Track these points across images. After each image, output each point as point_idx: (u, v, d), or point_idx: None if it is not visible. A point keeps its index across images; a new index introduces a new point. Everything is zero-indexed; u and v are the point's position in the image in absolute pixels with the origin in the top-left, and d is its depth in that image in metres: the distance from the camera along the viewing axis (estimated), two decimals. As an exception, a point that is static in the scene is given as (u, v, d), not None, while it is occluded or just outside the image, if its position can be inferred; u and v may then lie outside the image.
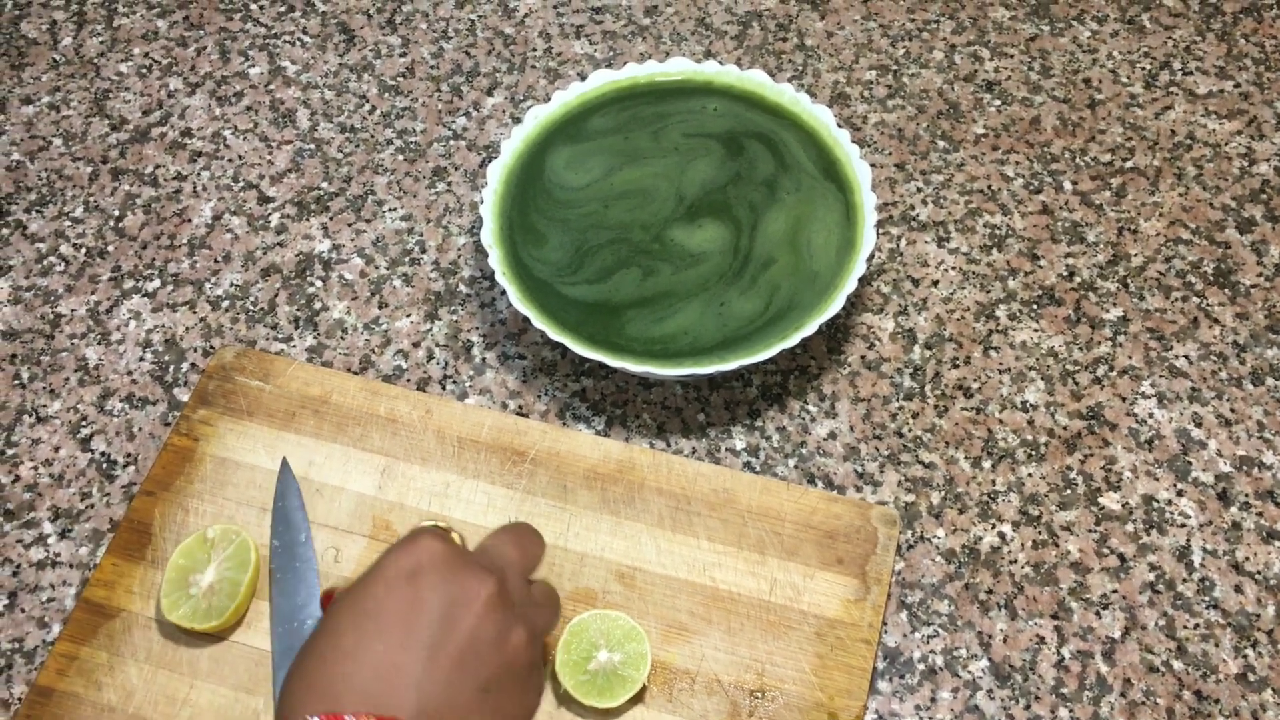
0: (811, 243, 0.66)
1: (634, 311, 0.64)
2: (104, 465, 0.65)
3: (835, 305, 0.62)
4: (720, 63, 0.79)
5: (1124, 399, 0.67)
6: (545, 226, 0.67)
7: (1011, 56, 0.81)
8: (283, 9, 0.84)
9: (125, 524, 0.62)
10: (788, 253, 0.66)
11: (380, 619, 0.43)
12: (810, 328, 0.62)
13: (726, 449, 0.66)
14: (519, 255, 0.65)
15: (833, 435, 0.66)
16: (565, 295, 0.64)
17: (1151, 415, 0.67)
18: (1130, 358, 0.69)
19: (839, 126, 0.69)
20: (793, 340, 0.61)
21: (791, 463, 0.65)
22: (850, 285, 0.63)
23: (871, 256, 0.72)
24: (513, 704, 0.45)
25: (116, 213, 0.75)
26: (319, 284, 0.72)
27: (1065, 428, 0.66)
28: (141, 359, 0.69)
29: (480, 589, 0.44)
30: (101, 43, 0.83)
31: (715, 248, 0.66)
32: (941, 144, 0.77)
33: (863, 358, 0.69)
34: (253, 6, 0.84)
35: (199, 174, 0.77)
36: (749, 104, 0.71)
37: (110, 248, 0.73)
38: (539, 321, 0.62)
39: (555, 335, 0.62)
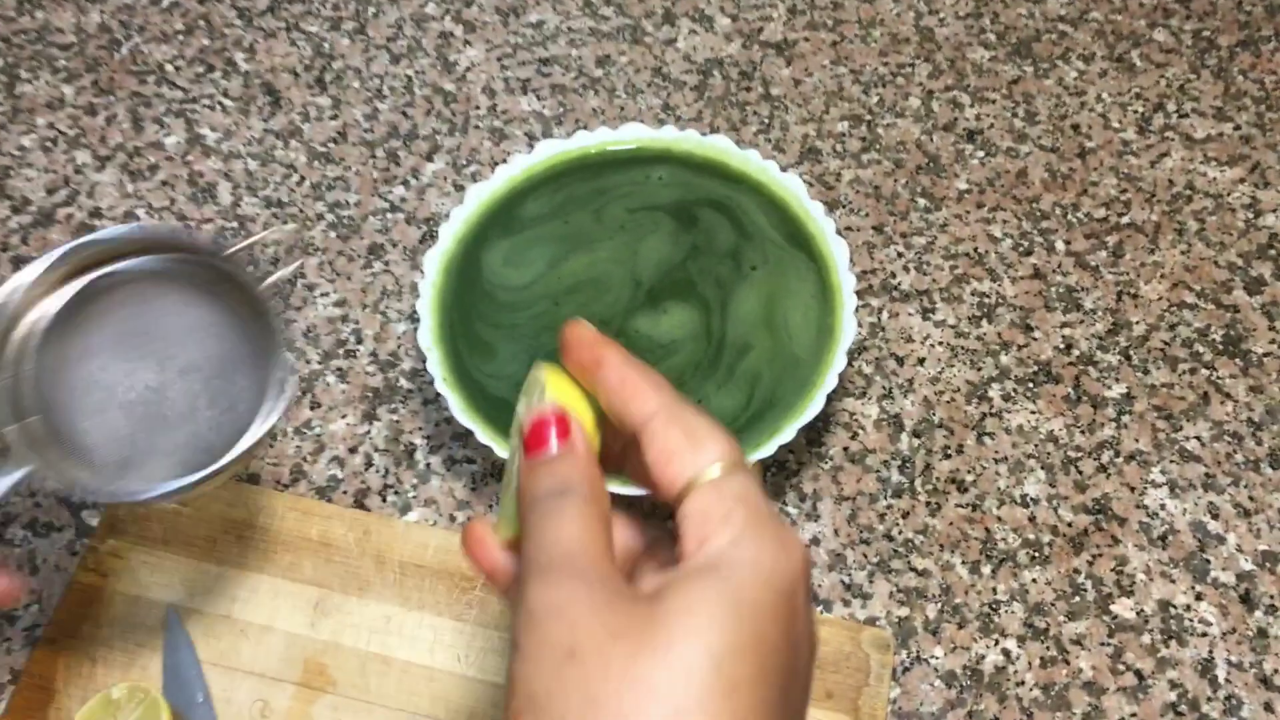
0: (789, 322, 0.60)
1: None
2: (3, 606, 0.58)
3: (813, 408, 0.56)
4: (679, 122, 0.72)
5: (1132, 489, 0.61)
6: (492, 336, 0.60)
7: (993, 102, 0.75)
8: (201, 69, 0.77)
9: (25, 679, 0.55)
10: (765, 335, 0.60)
11: None
12: (788, 433, 0.55)
13: (699, 560, 0.60)
14: (465, 368, 0.59)
15: (816, 541, 0.60)
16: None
17: (1163, 507, 0.61)
18: (1137, 440, 0.63)
19: (811, 198, 0.63)
20: (768, 449, 0.55)
21: (771, 574, 0.59)
22: (830, 382, 0.57)
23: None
24: None
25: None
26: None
27: (1070, 524, 0.60)
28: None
29: None
30: (1, 113, 0.75)
31: (685, 333, 0.60)
32: (922, 202, 0.71)
33: (845, 449, 0.63)
34: (168, 68, 0.77)
35: (110, 260, 0.69)
36: (700, 170, 0.65)
37: (11, 348, 0.66)
38: (486, 436, 0.55)
39: (505, 451, 0.55)
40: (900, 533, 0.60)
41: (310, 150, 0.74)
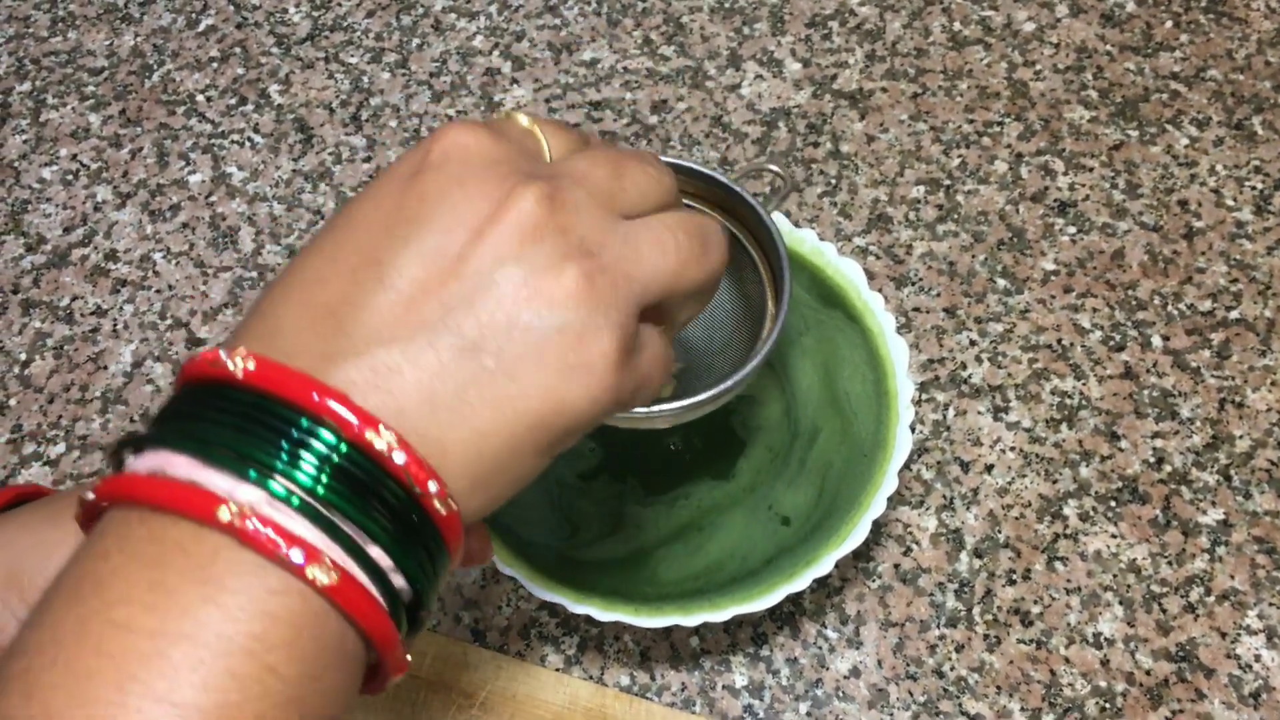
0: (851, 395, 0.54)
1: (665, 549, 0.52)
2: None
3: (857, 534, 0.49)
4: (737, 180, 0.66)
5: (1224, 634, 0.54)
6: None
7: (1091, 170, 0.67)
8: (233, 101, 0.73)
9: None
10: (831, 414, 0.54)
11: (345, 234, 0.29)
12: (825, 564, 0.49)
13: (724, 686, 0.54)
14: (499, 518, 0.53)
15: (856, 672, 0.54)
16: (573, 559, 0.52)
17: (1258, 658, 0.53)
18: (1233, 577, 0.55)
19: (878, 273, 0.56)
20: (800, 583, 0.49)
21: (803, 708, 0.53)
22: (878, 507, 0.50)
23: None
24: (537, 387, 0.28)
25: (23, 356, 0.64)
26: (249, 452, 0.60)
27: (1149, 672, 0.53)
28: (33, 548, 0.58)
29: (504, 195, 0.28)
30: (25, 141, 0.72)
31: (770, 423, 0.54)
32: (1002, 282, 0.64)
33: (896, 567, 0.56)
34: (199, 98, 0.73)
35: (121, 308, 0.65)
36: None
37: (13, 400, 0.63)
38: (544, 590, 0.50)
39: (548, 594, 0.49)
40: (953, 669, 0.54)
41: (339, 195, 0.69)
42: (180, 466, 0.26)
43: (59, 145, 0.72)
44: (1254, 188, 0.66)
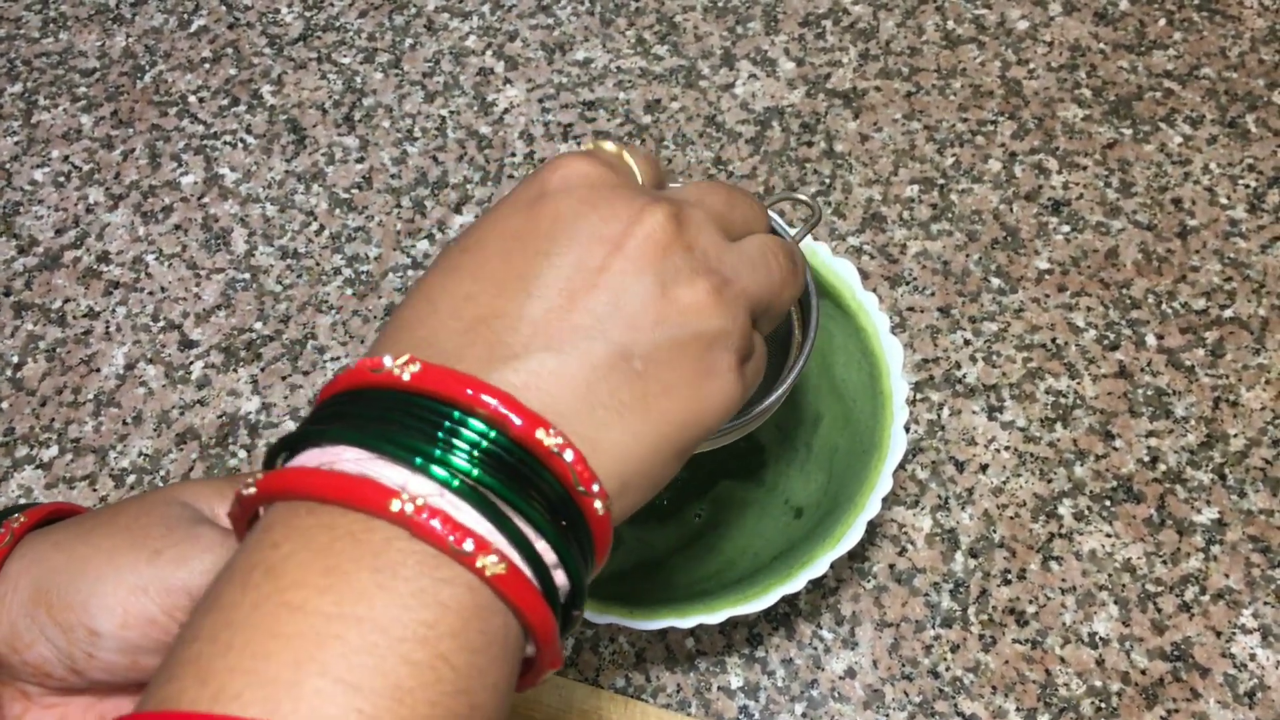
0: (848, 383, 0.54)
1: (680, 555, 0.52)
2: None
3: (852, 535, 0.49)
4: (731, 179, 0.65)
5: (1219, 633, 0.54)
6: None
7: (1084, 168, 0.67)
8: (225, 102, 0.72)
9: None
10: (832, 401, 0.54)
11: (481, 255, 0.30)
12: (820, 565, 0.49)
13: (719, 687, 0.54)
14: None
15: (851, 672, 0.54)
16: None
17: (1253, 657, 0.53)
18: (1228, 576, 0.55)
19: (872, 272, 0.56)
20: (796, 583, 0.49)
21: (799, 709, 0.53)
22: (873, 508, 0.50)
23: (906, 428, 0.59)
24: (679, 391, 0.30)
25: (15, 359, 0.64)
26: (243, 454, 0.60)
27: (1144, 671, 0.53)
28: (26, 552, 0.58)
29: (635, 215, 0.30)
30: (16, 143, 0.72)
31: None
32: (996, 282, 0.64)
33: (892, 567, 0.56)
34: (191, 99, 0.73)
35: (113, 310, 0.65)
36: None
37: (5, 403, 0.62)
38: None
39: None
40: (948, 669, 0.54)
41: (332, 196, 0.68)
42: (348, 460, 0.26)
43: (51, 147, 0.71)
44: (1248, 186, 0.66)
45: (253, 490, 0.27)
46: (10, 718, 0.34)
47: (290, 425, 0.61)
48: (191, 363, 0.63)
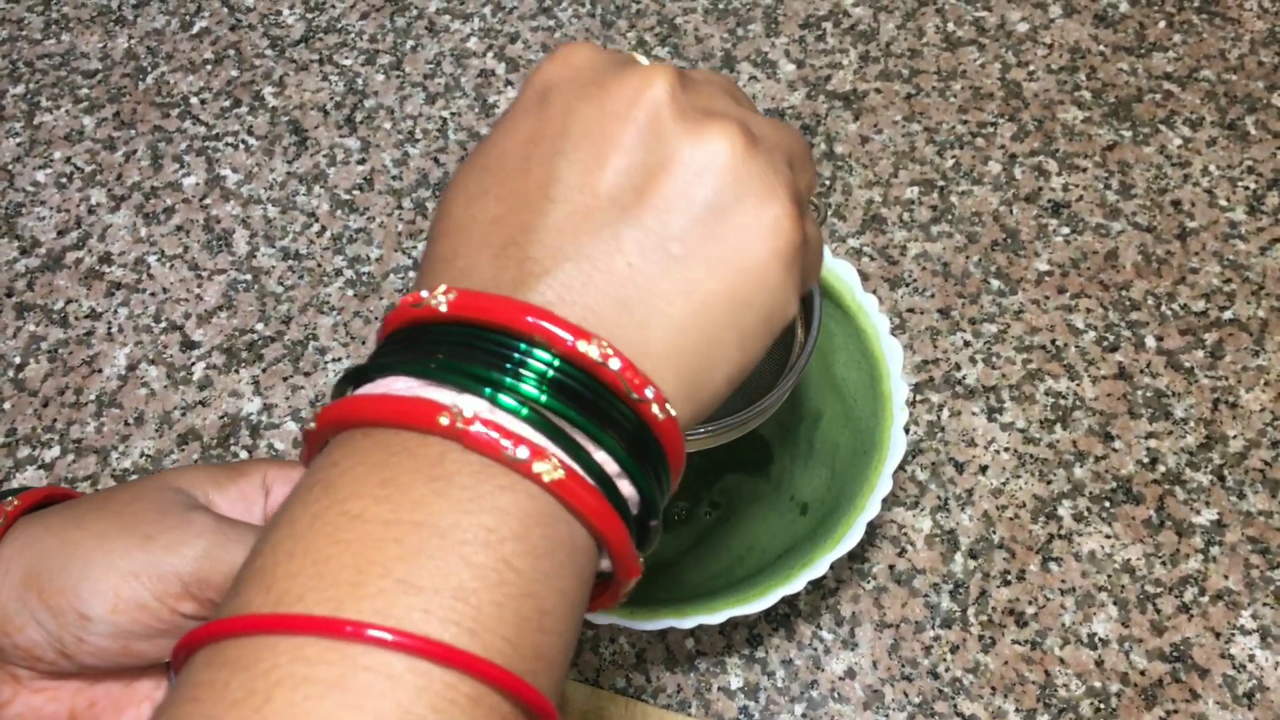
0: (848, 381, 0.54)
1: (690, 555, 0.52)
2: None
3: (852, 536, 0.50)
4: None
5: (1218, 634, 0.54)
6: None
7: (1084, 170, 0.67)
8: (227, 103, 0.73)
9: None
10: (832, 398, 0.54)
11: (502, 173, 0.29)
12: (820, 566, 0.49)
13: (719, 688, 0.54)
14: None
15: (851, 673, 0.54)
16: None
17: (1252, 658, 0.53)
18: (1227, 577, 0.55)
19: (872, 274, 0.56)
20: (796, 584, 0.49)
21: (799, 709, 0.53)
22: (872, 509, 0.50)
23: (906, 429, 0.59)
24: (726, 266, 0.28)
25: (18, 360, 0.64)
26: (244, 455, 0.60)
27: (1143, 672, 0.53)
28: (28, 552, 0.58)
29: (641, 82, 0.29)
30: (19, 144, 0.72)
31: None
32: (996, 283, 0.64)
33: (892, 568, 0.56)
34: (193, 100, 0.73)
35: (115, 311, 0.65)
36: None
37: (7, 404, 0.63)
38: None
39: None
40: (948, 670, 0.54)
41: (334, 197, 0.69)
42: (401, 387, 0.26)
43: (53, 148, 0.72)
44: (1247, 188, 0.66)
45: (313, 425, 0.27)
46: (0, 701, 0.34)
47: (292, 426, 0.61)
48: (193, 363, 0.63)
